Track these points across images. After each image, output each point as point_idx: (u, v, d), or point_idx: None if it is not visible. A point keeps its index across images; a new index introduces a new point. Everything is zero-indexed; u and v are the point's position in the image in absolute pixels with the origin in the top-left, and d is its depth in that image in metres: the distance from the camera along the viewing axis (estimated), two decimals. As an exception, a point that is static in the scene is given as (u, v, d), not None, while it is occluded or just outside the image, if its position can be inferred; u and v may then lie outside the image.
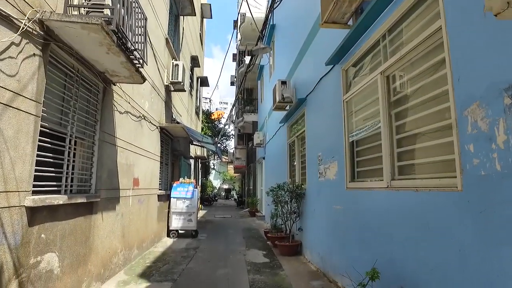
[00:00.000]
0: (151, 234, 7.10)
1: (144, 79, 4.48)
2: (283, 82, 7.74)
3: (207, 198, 26.59)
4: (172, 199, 8.79)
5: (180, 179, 9.15)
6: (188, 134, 8.61)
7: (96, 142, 4.26)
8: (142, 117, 6.34)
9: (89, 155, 4.16)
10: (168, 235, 8.68)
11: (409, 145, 3.07)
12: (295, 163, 7.75)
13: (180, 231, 8.93)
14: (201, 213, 17.51)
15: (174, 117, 9.38)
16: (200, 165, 18.39)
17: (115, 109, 4.89)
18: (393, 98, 3.34)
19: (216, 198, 33.63)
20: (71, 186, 3.74)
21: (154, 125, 7.34)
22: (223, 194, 42.47)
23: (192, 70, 13.65)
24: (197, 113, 15.43)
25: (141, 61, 4.30)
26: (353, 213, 4.07)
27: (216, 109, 42.22)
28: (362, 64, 4.09)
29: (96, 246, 4.20)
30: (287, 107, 8.25)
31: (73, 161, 3.79)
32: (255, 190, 17.54)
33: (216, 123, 28.85)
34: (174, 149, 9.56)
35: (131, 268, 5.37)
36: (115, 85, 4.76)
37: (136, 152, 5.96)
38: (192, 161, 14.27)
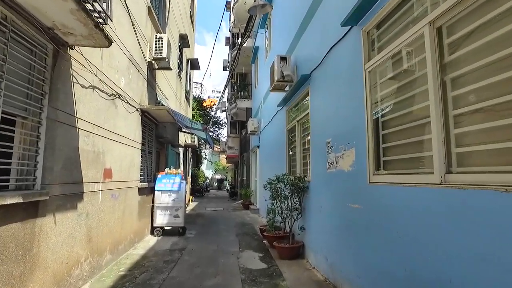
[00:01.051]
0: (130, 234, 6.14)
1: (109, 41, 3.45)
2: (283, 58, 6.73)
3: (198, 189, 25.63)
4: (156, 192, 7.81)
5: (166, 169, 8.16)
6: (175, 118, 7.58)
7: (44, 121, 3.23)
8: (117, 96, 5.30)
9: (32, 139, 3.14)
10: (152, 233, 7.72)
11: (473, 124, 2.13)
12: (296, 152, 6.81)
13: (166, 228, 7.99)
14: (192, 205, 16.58)
15: (159, 99, 8.32)
16: (190, 154, 17.37)
17: (75, 81, 3.85)
18: (448, 58, 2.38)
19: (208, 189, 32.67)
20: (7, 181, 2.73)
21: (134, 106, 6.30)
22: (216, 184, 41.53)
23: (181, 50, 12.52)
24: (187, 99, 14.34)
25: (103, 15, 3.26)
26: (379, 215, 3.15)
27: (209, 97, 40.87)
28: (394, 19, 3.11)
29: (43, 259, 3.22)
30: (287, 88, 7.27)
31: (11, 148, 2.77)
32: (248, 181, 16.65)
33: (208, 110, 27.73)
34: (159, 136, 8.54)
35: (100, 280, 4.41)
36: (72, 49, 3.71)
37: (108, 137, 4.94)
38: (181, 150, 13.25)
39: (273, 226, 6.46)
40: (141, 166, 7.06)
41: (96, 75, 4.42)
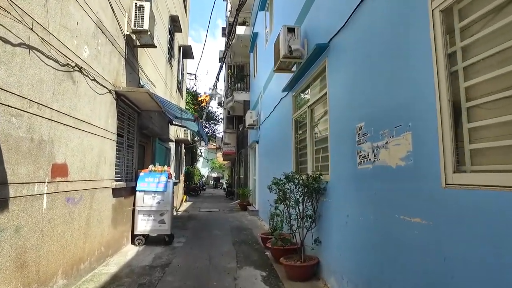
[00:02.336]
0: (99, 247, 4.86)
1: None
2: (290, 30, 5.47)
3: (193, 188, 24.36)
4: (137, 193, 6.54)
5: (150, 166, 6.88)
6: (159, 105, 6.31)
7: None
8: (75, 68, 4.02)
9: None
10: (133, 242, 6.45)
11: None
12: (306, 145, 5.57)
13: (151, 235, 6.73)
14: (185, 205, 15.31)
15: (142, 84, 7.03)
16: (184, 150, 16.07)
17: (-7, 33, 2.58)
18: None
19: (204, 188, 31.42)
20: None
21: (105, 87, 5.02)
22: (212, 183, 40.32)
23: (171, 34, 11.22)
24: (179, 90, 13.05)
25: None
26: (465, 238, 1.91)
27: (205, 93, 39.52)
28: None
29: None
30: (294, 68, 6.02)
31: None
32: (246, 180, 15.40)
33: (203, 105, 26.41)
34: (143, 126, 7.25)
35: (39, 319, 3.15)
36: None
37: (61, 121, 3.66)
38: (172, 146, 11.97)
39: (278, 237, 5.19)
40: (117, 161, 5.78)
41: (34, 31, 3.14)
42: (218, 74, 9.58)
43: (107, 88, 5.11)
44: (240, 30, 16.67)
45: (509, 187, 1.66)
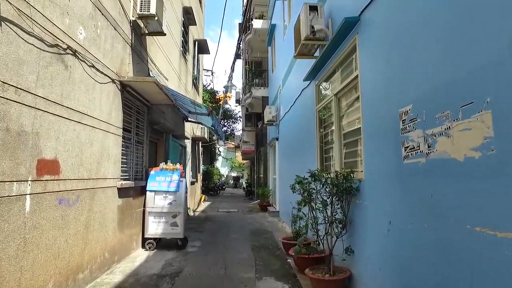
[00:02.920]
0: (102, 253, 4.38)
1: None
2: (313, 8, 4.80)
3: (212, 187, 24.00)
4: (148, 193, 6.05)
5: (161, 164, 6.38)
6: (169, 96, 5.80)
7: None
8: (68, 51, 3.52)
9: None
10: (144, 246, 5.96)
11: None
12: (333, 139, 4.89)
13: (163, 238, 6.23)
14: (203, 206, 14.87)
15: (152, 76, 6.54)
16: (201, 149, 15.63)
17: None
18: None
19: (224, 187, 31.07)
20: None
21: (106, 75, 4.53)
22: (231, 182, 39.96)
23: (185, 27, 10.75)
24: (195, 86, 12.58)
25: None
26: None
27: (223, 92, 39.15)
28: None
29: None
30: (316, 53, 5.35)
31: None
32: (266, 179, 14.77)
33: (221, 103, 25.98)
34: (153, 121, 6.76)
35: None
36: None
37: (48, 110, 3.16)
38: (188, 143, 11.51)
39: (303, 244, 4.53)
40: (123, 159, 5.30)
41: (16, 8, 2.64)
42: (233, 63, 8.97)
43: (109, 77, 4.61)
44: (257, 23, 16.05)
45: None
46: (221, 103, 27.40)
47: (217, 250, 6.05)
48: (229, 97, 31.38)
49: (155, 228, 5.98)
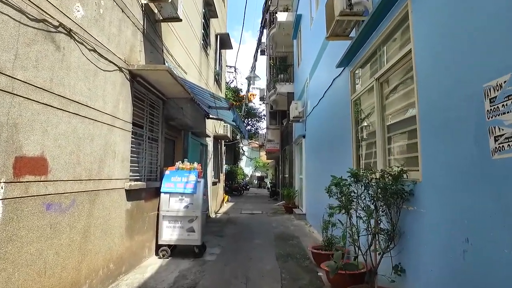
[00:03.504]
0: (105, 264, 3.84)
1: None
2: (350, -23, 4.05)
3: (236, 187, 23.52)
4: (162, 195, 5.51)
5: (177, 163, 5.82)
6: (186, 88, 5.22)
7: None
8: (62, 30, 2.99)
9: None
10: (157, 253, 5.43)
11: None
12: (373, 132, 4.12)
13: (179, 245, 5.66)
14: (226, 207, 14.34)
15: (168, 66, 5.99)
16: (224, 148, 15.09)
17: None
18: None
19: (248, 187, 30.56)
20: None
21: (112, 62, 3.99)
22: (256, 182, 39.41)
23: (206, 19, 10.22)
24: (217, 82, 12.04)
25: None
26: None
27: (248, 91, 38.54)
28: None
29: None
30: (352, 34, 4.59)
31: None
32: (291, 179, 14.02)
33: (244, 100, 25.41)
34: (170, 117, 6.22)
35: None
36: None
37: (31, 97, 2.63)
38: (210, 142, 10.98)
39: (340, 260, 3.77)
40: (134, 157, 4.78)
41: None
42: (257, 50, 8.28)
43: (115, 64, 4.08)
44: (282, 16, 15.32)
45: None
46: (243, 100, 26.82)
47: (238, 259, 5.41)
48: (253, 95, 30.85)
49: (169, 233, 5.42)
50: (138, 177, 4.98)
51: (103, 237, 3.77)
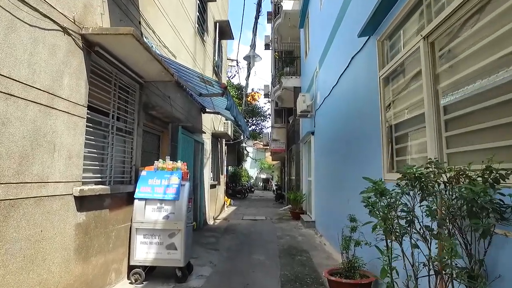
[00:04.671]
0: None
1: None
2: None
3: (240, 190, 22.32)
4: (136, 202, 4.33)
5: (156, 162, 4.64)
6: (162, 64, 4.04)
7: None
8: None
9: None
10: (129, 277, 4.24)
11: None
12: (416, 117, 2.90)
13: (157, 265, 4.47)
14: (227, 211, 13.15)
15: (150, 45, 4.82)
16: (225, 147, 13.91)
17: None
18: None
19: (253, 189, 29.39)
20: None
21: (47, 17, 2.82)
22: (261, 184, 38.24)
23: (202, 2, 9.06)
24: (216, 74, 10.87)
25: None
26: None
27: (252, 90, 37.26)
28: None
29: None
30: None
31: None
32: (298, 181, 12.78)
33: (249, 100, 24.28)
34: (150, 105, 5.05)
35: None
36: None
37: None
38: (207, 140, 9.80)
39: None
40: (93, 153, 3.62)
41: None
42: (256, 19, 7.04)
43: (55, 22, 2.91)
44: (288, 5, 14.14)
45: None
46: (250, 100, 25.62)
47: (233, 284, 4.21)
48: (258, 95, 29.64)
49: (145, 251, 4.24)
50: (100, 180, 3.81)
51: (28, 267, 2.59)
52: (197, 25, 8.38)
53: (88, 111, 3.49)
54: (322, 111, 8.04)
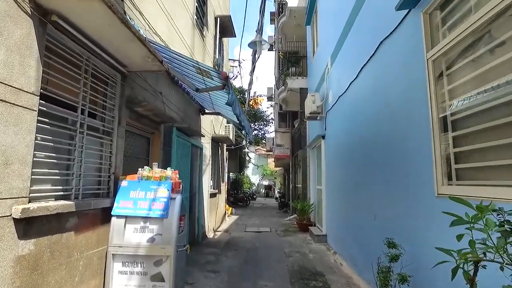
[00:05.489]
0: None
1: None
2: None
3: (242, 198, 21.34)
4: (114, 220, 3.42)
5: (142, 170, 3.74)
6: (147, 45, 3.17)
7: None
8: None
9: None
10: (103, 315, 3.32)
11: None
12: (499, 107, 2.01)
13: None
14: (228, 222, 12.20)
15: (138, 29, 3.93)
16: (226, 153, 13.00)
17: None
18: None
19: (255, 197, 28.39)
20: None
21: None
22: (263, 191, 37.21)
23: (202, -7, 8.26)
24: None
25: None
26: None
27: (255, 93, 36.34)
28: None
29: None
30: None
31: None
32: (305, 189, 11.83)
33: (252, 105, 23.44)
34: (136, 101, 4.15)
35: None
36: None
37: None
38: (207, 145, 8.91)
39: None
40: (52, 158, 2.73)
41: None
42: (263, 6, 6.19)
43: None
44: (293, 2, 13.38)
45: None
46: (253, 104, 24.74)
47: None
48: (261, 100, 28.78)
49: (123, 284, 3.32)
50: (63, 193, 2.90)
51: None
52: (195, 17, 7.56)
53: (43, 102, 2.61)
54: (335, 112, 7.15)
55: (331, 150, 7.63)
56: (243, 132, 6.48)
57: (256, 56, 8.37)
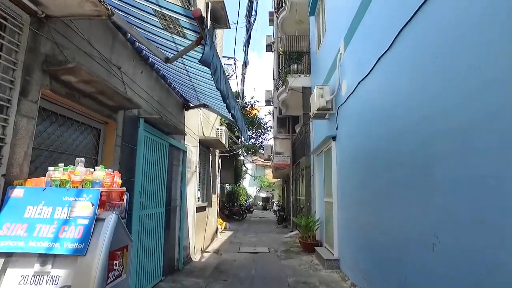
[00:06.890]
0: None
1: None
2: None
3: (237, 211, 19.68)
4: (-11, 259, 1.88)
5: (52, 170, 2.22)
6: None
7: None
8: None
9: None
10: None
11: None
12: None
13: None
14: (221, 239, 10.57)
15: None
16: (219, 160, 11.43)
17: None
18: None
19: (251, 209, 26.66)
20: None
21: None
22: (260, 204, 35.52)
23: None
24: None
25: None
26: None
27: (253, 105, 34.72)
28: None
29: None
30: None
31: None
32: (309, 202, 10.25)
33: (248, 111, 22.03)
34: (62, 61, 2.65)
35: None
36: None
37: None
38: (193, 148, 7.38)
39: None
40: None
41: None
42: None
43: None
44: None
45: None
46: (251, 113, 23.26)
47: None
48: (258, 109, 27.34)
49: None
50: None
51: None
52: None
53: None
54: (351, 105, 5.69)
55: (345, 154, 6.13)
56: (236, 125, 5.02)
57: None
